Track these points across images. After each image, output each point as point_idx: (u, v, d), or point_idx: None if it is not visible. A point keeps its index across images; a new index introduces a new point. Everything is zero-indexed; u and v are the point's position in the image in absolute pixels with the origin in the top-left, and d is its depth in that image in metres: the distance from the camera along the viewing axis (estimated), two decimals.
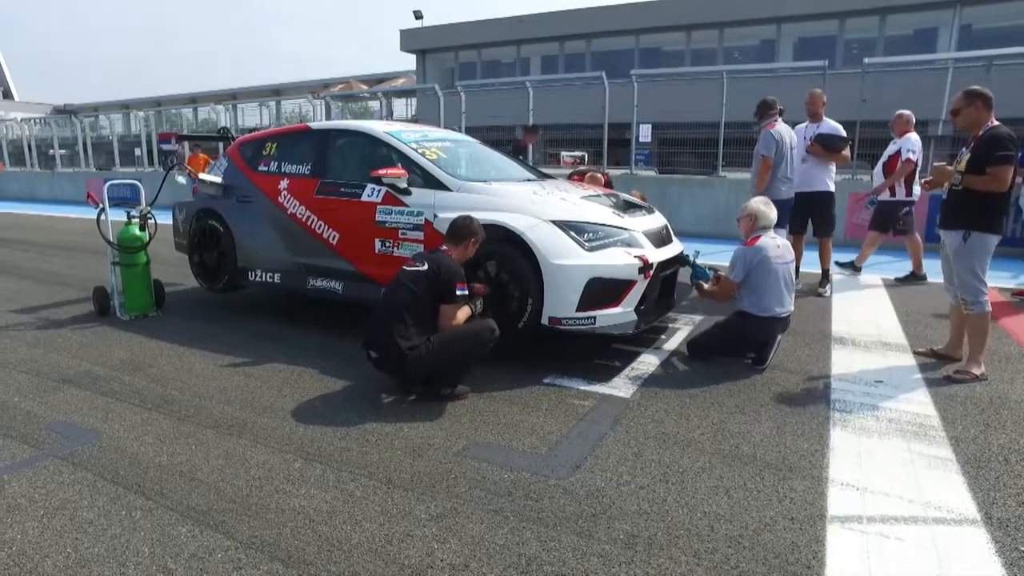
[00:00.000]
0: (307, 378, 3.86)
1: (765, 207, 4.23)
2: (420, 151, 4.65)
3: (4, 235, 11.16)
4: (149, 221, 5.33)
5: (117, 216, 5.29)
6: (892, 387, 3.72)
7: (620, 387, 3.71)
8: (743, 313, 4.12)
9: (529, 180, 5.00)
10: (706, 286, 4.45)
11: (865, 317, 5.39)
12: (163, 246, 6.96)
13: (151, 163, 19.15)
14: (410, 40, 31.33)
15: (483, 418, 3.28)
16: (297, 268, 5.02)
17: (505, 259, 3.98)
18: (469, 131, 13.39)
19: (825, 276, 6.27)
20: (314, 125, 5.39)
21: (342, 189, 4.77)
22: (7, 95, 54.18)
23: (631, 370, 4.01)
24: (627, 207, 4.65)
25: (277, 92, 36.29)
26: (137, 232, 5.25)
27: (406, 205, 4.41)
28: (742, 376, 3.90)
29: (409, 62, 32.78)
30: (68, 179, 20.67)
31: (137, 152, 20.08)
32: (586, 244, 3.92)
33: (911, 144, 6.51)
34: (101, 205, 5.18)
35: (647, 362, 4.17)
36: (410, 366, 3.35)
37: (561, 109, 14.49)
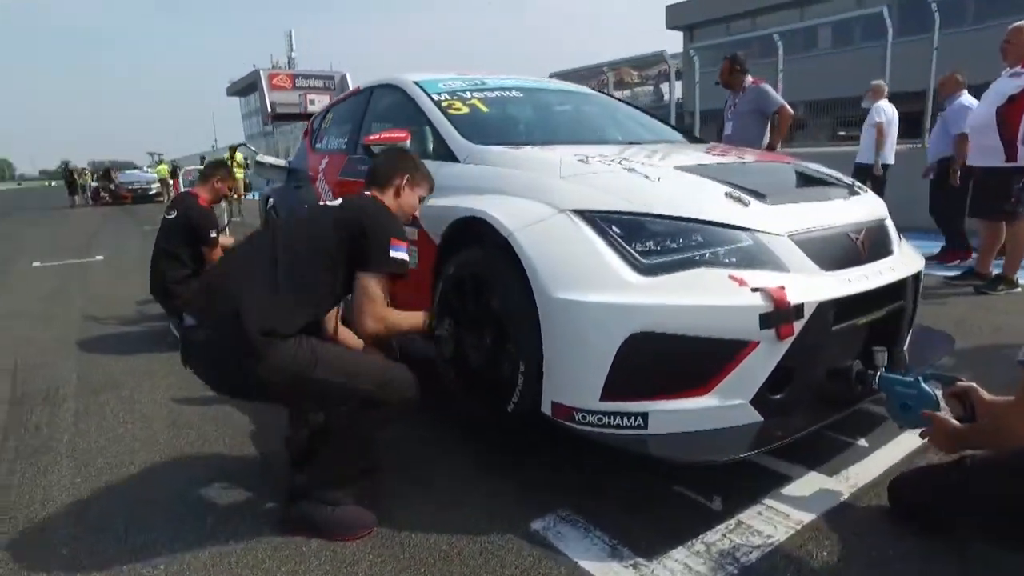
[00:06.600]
0: (221, 444, 2.60)
1: None
2: (446, 104, 3.05)
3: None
4: None
5: None
6: None
7: None
8: None
9: (632, 144, 3.05)
10: (950, 419, 1.83)
11: None
12: None
13: None
14: (675, 16, 28.75)
15: None
16: None
17: (487, 280, 2.19)
18: (703, 113, 10.95)
19: None
20: (363, 84, 4.13)
21: (359, 167, 3.43)
22: None
23: (732, 528, 1.87)
24: (804, 181, 2.44)
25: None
26: None
27: None
28: None
29: (676, 42, 30.12)
30: None
31: None
32: (642, 259, 1.92)
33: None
34: None
35: (783, 514, 1.94)
36: (263, 372, 1.71)
37: (832, 80, 11.10)
